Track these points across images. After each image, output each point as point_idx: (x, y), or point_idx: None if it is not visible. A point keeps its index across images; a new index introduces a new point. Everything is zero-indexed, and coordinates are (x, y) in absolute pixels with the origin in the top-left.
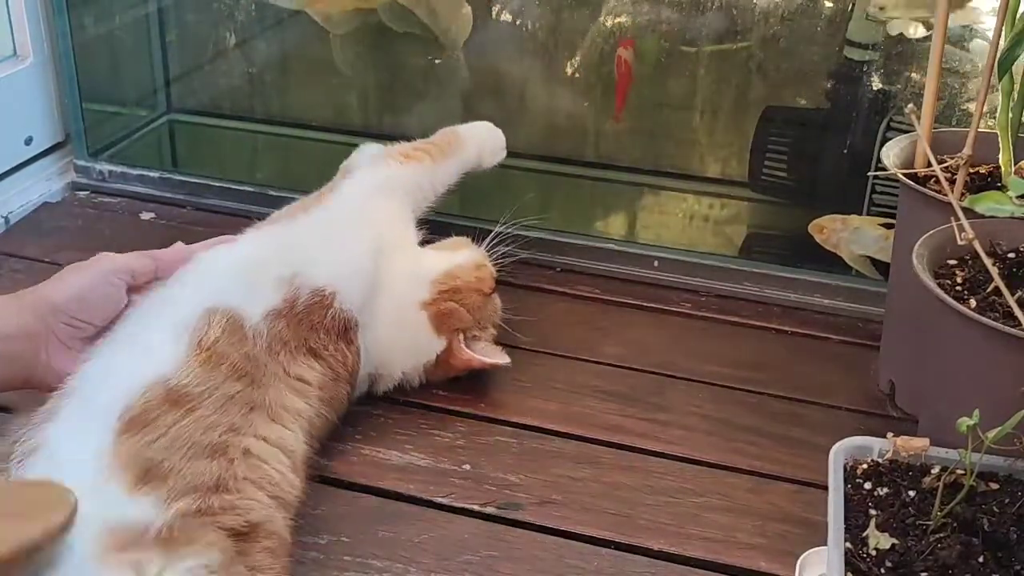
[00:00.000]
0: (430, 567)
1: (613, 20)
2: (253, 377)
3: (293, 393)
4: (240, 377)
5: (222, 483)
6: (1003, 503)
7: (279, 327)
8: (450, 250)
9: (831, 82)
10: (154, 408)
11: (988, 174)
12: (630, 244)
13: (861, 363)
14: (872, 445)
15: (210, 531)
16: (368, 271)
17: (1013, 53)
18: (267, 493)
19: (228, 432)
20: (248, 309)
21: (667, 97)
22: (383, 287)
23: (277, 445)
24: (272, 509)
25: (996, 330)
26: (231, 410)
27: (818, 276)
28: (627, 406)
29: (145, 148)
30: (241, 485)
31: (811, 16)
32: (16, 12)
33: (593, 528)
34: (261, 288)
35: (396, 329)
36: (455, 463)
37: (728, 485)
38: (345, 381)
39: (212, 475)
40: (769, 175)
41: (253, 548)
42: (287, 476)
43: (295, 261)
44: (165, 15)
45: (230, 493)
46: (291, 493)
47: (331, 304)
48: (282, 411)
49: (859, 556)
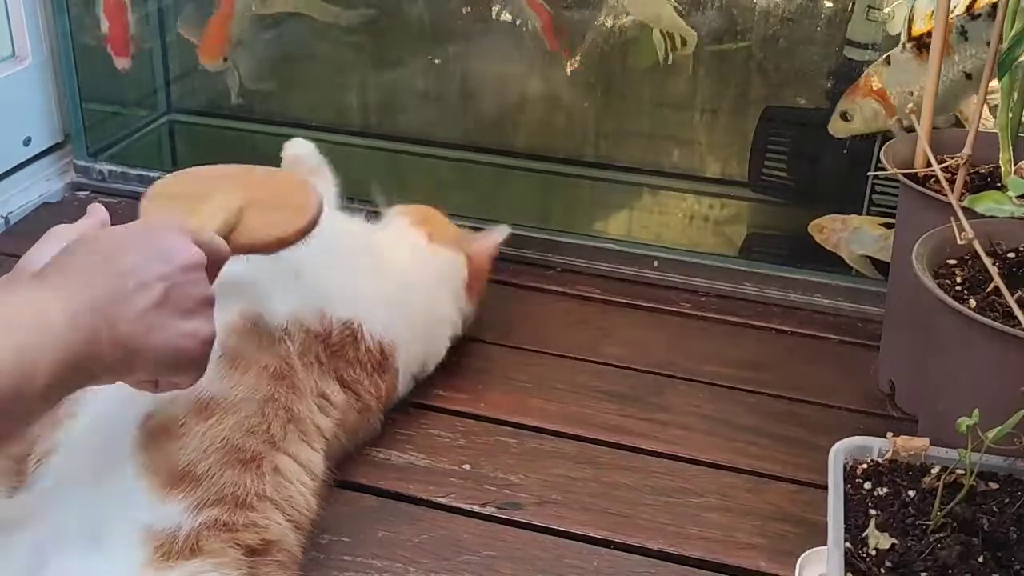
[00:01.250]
0: (430, 567)
1: (614, 20)
2: (291, 382)
3: (321, 413)
4: (279, 379)
5: (248, 500)
6: (1003, 503)
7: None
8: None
9: (831, 82)
10: (182, 412)
11: (988, 174)
12: (630, 244)
13: (861, 363)
14: (872, 445)
15: (230, 549)
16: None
17: (1013, 53)
18: (286, 516)
19: (266, 443)
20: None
21: (667, 97)
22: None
23: (304, 466)
24: (288, 530)
25: (996, 330)
26: (270, 415)
27: (818, 276)
28: (627, 406)
29: (145, 148)
30: (264, 505)
31: (811, 16)
32: (15, 12)
33: (592, 528)
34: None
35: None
36: (455, 463)
37: (728, 485)
38: (377, 411)
39: (242, 488)
40: (769, 175)
41: (263, 561)
42: (308, 499)
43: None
44: (165, 15)
45: (253, 511)
46: (307, 516)
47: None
48: (313, 429)
49: (859, 556)
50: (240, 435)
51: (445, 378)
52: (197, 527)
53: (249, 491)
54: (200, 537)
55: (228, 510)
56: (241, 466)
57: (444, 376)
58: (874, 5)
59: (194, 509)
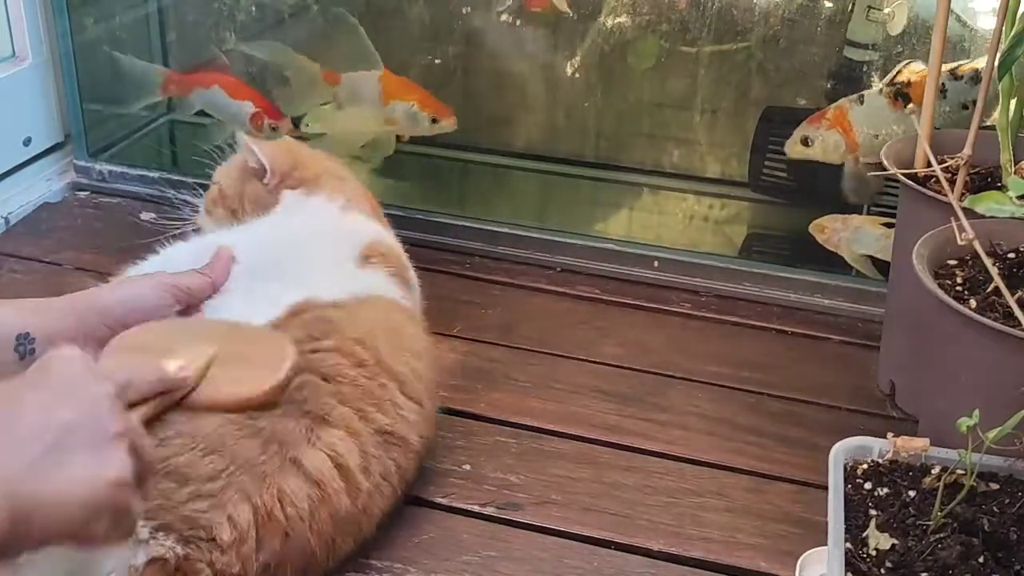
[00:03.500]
0: (430, 567)
1: (613, 20)
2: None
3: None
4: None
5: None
6: (1003, 503)
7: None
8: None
9: (831, 82)
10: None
11: (988, 174)
12: (630, 244)
13: (861, 363)
14: (872, 445)
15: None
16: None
17: (1013, 53)
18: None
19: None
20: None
21: (667, 97)
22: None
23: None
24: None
25: (996, 330)
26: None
27: (818, 276)
28: (626, 406)
29: (145, 148)
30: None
31: (811, 16)
32: (15, 13)
33: (592, 528)
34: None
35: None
36: (455, 463)
37: (728, 485)
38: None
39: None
40: (769, 175)
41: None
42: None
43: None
44: (165, 15)
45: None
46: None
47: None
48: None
49: (859, 556)
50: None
51: (445, 378)
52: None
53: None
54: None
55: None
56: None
57: (444, 376)
58: (874, 5)
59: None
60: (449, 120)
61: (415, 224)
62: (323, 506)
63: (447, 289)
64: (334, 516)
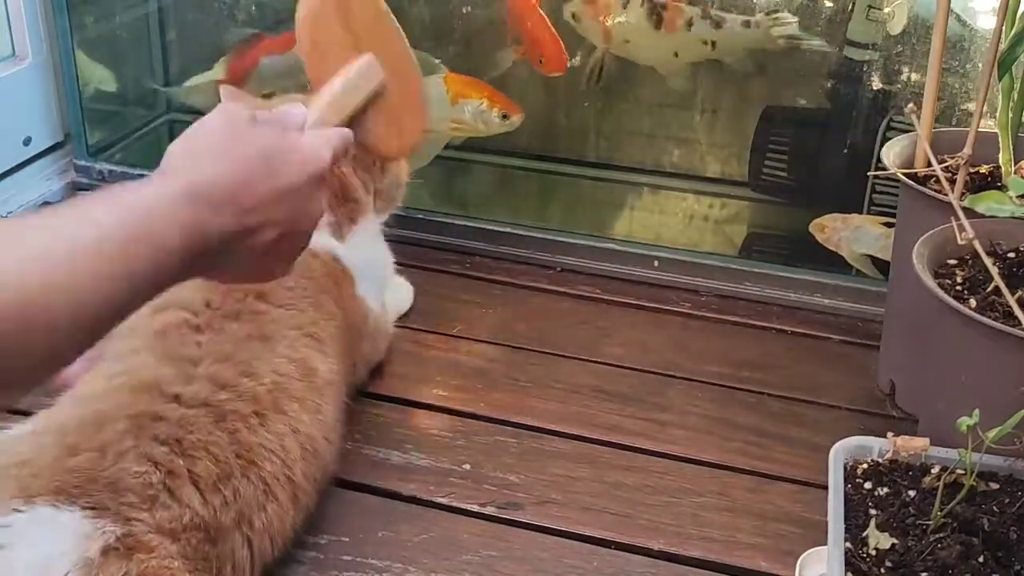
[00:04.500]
0: (430, 567)
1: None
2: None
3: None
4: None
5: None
6: (1003, 503)
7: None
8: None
9: (831, 82)
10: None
11: (988, 174)
12: (630, 244)
13: (861, 363)
14: (872, 445)
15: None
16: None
17: (1013, 53)
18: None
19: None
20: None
21: (667, 97)
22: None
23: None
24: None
25: (996, 330)
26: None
27: (818, 276)
28: (627, 406)
29: (145, 148)
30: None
31: (811, 16)
32: (15, 12)
33: (593, 528)
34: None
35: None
36: (455, 463)
37: (728, 485)
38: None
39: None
40: (769, 175)
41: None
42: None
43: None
44: (165, 15)
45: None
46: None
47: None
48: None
49: (859, 556)
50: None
51: (445, 378)
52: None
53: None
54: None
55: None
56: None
57: (444, 376)
58: (874, 5)
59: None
60: (518, 115)
61: (416, 223)
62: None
63: (448, 289)
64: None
